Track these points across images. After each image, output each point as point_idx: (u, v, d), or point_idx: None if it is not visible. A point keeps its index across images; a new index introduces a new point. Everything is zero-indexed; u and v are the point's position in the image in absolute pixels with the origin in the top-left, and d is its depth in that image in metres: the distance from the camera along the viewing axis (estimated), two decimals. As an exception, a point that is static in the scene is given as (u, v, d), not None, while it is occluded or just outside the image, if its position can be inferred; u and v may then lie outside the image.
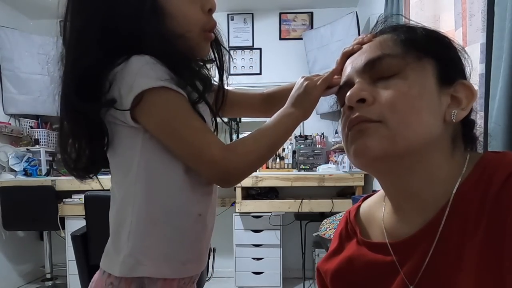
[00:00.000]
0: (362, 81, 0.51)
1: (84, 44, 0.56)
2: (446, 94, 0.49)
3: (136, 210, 0.58)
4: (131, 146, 0.58)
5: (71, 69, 0.57)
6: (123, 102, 0.54)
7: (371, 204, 0.62)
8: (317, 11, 3.19)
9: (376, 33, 0.55)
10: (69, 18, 0.59)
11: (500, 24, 0.89)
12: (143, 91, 0.53)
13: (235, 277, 2.72)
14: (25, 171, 2.86)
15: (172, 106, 0.55)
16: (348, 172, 2.56)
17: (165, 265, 0.59)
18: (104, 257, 0.62)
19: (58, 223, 2.60)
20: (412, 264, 0.48)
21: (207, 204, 0.64)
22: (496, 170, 0.44)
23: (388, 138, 0.46)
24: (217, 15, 0.64)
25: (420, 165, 0.48)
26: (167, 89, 0.54)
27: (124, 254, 0.57)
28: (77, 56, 0.56)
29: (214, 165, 0.55)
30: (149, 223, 0.58)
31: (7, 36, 2.92)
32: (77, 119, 0.59)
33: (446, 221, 0.46)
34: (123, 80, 0.54)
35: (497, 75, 0.88)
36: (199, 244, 0.63)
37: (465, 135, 0.51)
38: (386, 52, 0.50)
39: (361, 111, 0.49)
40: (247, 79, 3.23)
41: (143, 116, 0.55)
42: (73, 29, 0.58)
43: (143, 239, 0.58)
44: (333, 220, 2.21)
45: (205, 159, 0.55)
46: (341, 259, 0.58)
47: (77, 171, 0.63)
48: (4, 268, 2.85)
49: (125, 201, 0.59)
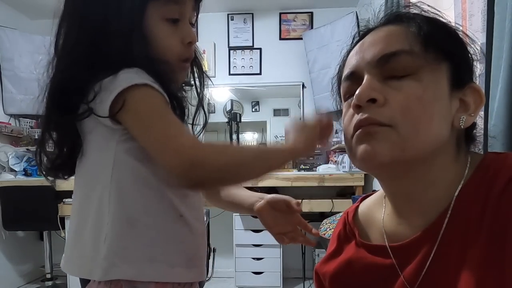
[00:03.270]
0: (373, 77, 0.47)
1: (72, 59, 0.58)
2: (456, 98, 0.47)
3: (112, 212, 0.57)
4: (105, 147, 0.58)
5: (56, 79, 0.59)
6: (102, 107, 0.55)
7: (370, 205, 0.61)
8: (317, 11, 3.19)
9: (384, 21, 0.51)
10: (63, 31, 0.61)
11: (500, 24, 0.88)
12: (124, 89, 0.54)
13: (235, 277, 2.72)
14: (25, 171, 2.86)
15: (151, 99, 0.56)
16: (348, 172, 2.55)
17: (149, 267, 0.57)
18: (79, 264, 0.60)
19: (58, 223, 2.59)
20: (413, 267, 0.47)
21: (188, 206, 0.62)
22: (498, 173, 0.43)
23: (398, 145, 0.44)
24: (217, 15, 0.64)
25: (425, 170, 0.47)
26: (149, 86, 0.55)
27: (101, 257, 0.56)
28: (64, 68, 0.59)
29: (179, 154, 0.51)
30: (126, 224, 0.57)
31: (7, 36, 2.92)
32: (56, 126, 0.62)
33: (447, 224, 0.45)
34: (107, 89, 0.55)
35: (497, 75, 0.88)
36: (186, 247, 0.62)
37: (466, 136, 0.50)
38: (405, 47, 0.45)
39: (370, 112, 0.46)
40: (247, 79, 3.23)
41: (123, 112, 0.55)
42: (65, 42, 0.60)
43: (119, 241, 0.57)
44: (333, 220, 2.20)
45: (171, 146, 0.52)
46: (339, 262, 0.58)
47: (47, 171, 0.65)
48: (4, 268, 2.84)
49: (102, 203, 0.58)
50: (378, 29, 0.51)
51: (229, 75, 3.24)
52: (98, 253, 0.56)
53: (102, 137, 0.59)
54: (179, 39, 0.63)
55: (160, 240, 0.59)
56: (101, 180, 0.58)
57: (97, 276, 0.56)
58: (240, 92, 3.35)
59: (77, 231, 0.61)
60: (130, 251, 0.57)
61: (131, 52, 0.57)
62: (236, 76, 3.24)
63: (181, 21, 0.63)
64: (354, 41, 0.55)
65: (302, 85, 3.17)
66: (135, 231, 0.57)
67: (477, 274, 0.41)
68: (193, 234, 0.63)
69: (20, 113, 3.04)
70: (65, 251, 0.64)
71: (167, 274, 0.59)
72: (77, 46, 0.59)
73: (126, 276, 0.56)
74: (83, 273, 0.59)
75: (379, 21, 0.52)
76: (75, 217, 0.62)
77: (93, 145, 0.61)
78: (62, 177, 0.67)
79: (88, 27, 0.58)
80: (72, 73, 0.58)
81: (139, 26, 0.59)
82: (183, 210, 0.61)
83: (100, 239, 0.57)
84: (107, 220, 0.57)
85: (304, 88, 3.16)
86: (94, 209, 0.58)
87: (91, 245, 0.58)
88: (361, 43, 0.51)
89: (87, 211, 0.59)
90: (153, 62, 0.59)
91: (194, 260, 0.63)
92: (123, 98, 0.54)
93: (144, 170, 0.58)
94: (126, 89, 0.54)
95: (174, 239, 0.60)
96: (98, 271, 0.56)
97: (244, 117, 3.35)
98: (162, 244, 0.59)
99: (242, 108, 3.41)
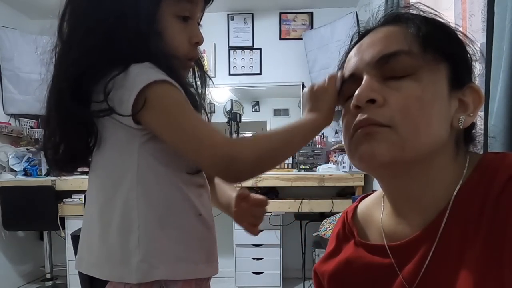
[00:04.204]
0: (372, 78, 0.47)
1: (86, 46, 0.57)
2: (455, 98, 0.47)
3: (143, 214, 0.57)
4: (127, 149, 0.58)
5: (68, 68, 0.58)
6: (124, 106, 0.54)
7: (369, 205, 0.61)
8: (317, 11, 3.19)
9: (382, 21, 0.51)
10: (74, 17, 0.60)
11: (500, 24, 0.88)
12: (144, 87, 0.53)
13: (235, 277, 2.72)
14: (25, 171, 2.86)
15: (174, 97, 0.56)
16: (348, 172, 2.55)
17: (179, 266, 0.59)
18: (109, 269, 0.58)
19: (58, 223, 2.59)
20: (411, 267, 0.47)
21: (203, 205, 0.64)
22: (496, 172, 0.43)
23: (397, 145, 0.44)
24: (217, 15, 0.65)
25: (424, 170, 0.47)
26: (169, 83, 0.55)
27: (137, 260, 0.56)
28: (77, 56, 0.57)
29: (216, 151, 0.52)
30: (157, 225, 0.58)
31: (7, 36, 2.92)
32: (66, 117, 0.59)
33: (446, 224, 0.45)
34: (124, 86, 0.54)
35: (497, 75, 0.88)
36: (206, 244, 0.64)
37: (465, 136, 0.50)
38: (404, 48, 0.45)
39: (370, 112, 0.46)
40: (247, 79, 3.23)
41: (146, 111, 0.54)
42: (77, 29, 0.59)
43: (154, 242, 0.57)
44: (333, 220, 2.20)
45: (207, 143, 0.53)
46: (338, 261, 0.58)
47: (57, 165, 0.64)
48: (4, 268, 2.84)
49: (128, 206, 0.57)
50: (376, 30, 0.51)
51: (229, 75, 3.25)
52: (132, 256, 0.56)
53: (122, 139, 0.58)
54: (187, 37, 0.63)
55: (185, 239, 0.60)
56: (125, 184, 0.58)
57: (134, 279, 0.56)
58: (240, 92, 3.35)
59: (101, 236, 0.59)
60: (164, 252, 0.58)
61: (147, 47, 0.57)
62: (236, 76, 3.24)
63: (191, 19, 0.64)
64: (353, 41, 0.55)
65: (302, 85, 3.17)
66: (165, 232, 0.58)
67: (476, 274, 0.41)
68: (210, 231, 0.65)
69: (20, 113, 3.05)
70: (86, 255, 0.63)
71: (193, 271, 0.61)
72: (91, 34, 0.57)
73: (163, 276, 0.57)
74: (115, 277, 0.58)
75: (378, 21, 0.52)
76: (97, 222, 0.60)
77: (112, 147, 0.60)
78: (69, 171, 0.66)
79: (103, 18, 0.58)
80: (83, 60, 0.56)
81: (154, 20, 0.59)
82: (200, 209, 0.62)
83: (131, 242, 0.57)
84: (138, 223, 0.57)
85: (304, 88, 3.16)
86: (120, 213, 0.57)
87: (120, 250, 0.57)
88: (360, 44, 0.51)
89: (111, 215, 0.58)
90: (167, 57, 0.59)
91: (212, 255, 0.65)
92: (144, 96, 0.54)
93: (166, 171, 0.59)
94: (146, 87, 0.53)
95: (197, 237, 0.62)
96: (135, 274, 0.56)
97: (244, 117, 3.35)
98: (187, 242, 0.60)
99: (242, 108, 3.41)
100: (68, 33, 0.60)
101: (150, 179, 0.58)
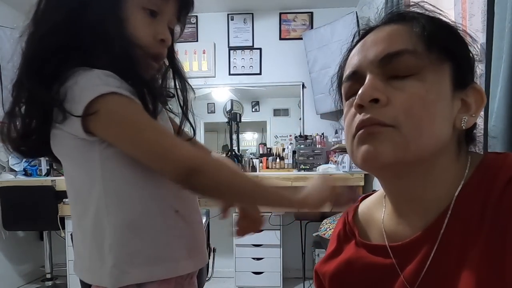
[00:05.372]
0: (375, 77, 0.46)
1: (52, 22, 0.58)
2: (458, 98, 0.46)
3: (112, 221, 0.57)
4: (88, 159, 0.58)
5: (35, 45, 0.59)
6: (73, 118, 0.54)
7: (370, 205, 0.61)
8: (317, 11, 3.18)
9: (386, 20, 0.50)
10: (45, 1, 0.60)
11: (500, 24, 0.88)
12: (92, 100, 0.52)
13: (235, 277, 2.72)
14: (25, 171, 2.86)
15: (127, 111, 0.55)
16: (348, 172, 2.55)
17: (157, 267, 0.59)
18: (90, 273, 0.61)
19: (58, 223, 2.59)
20: (413, 267, 0.47)
21: (182, 199, 0.63)
22: (498, 173, 0.43)
23: (401, 145, 0.44)
24: (217, 15, 0.64)
25: (426, 170, 0.47)
26: (118, 95, 0.54)
27: (109, 266, 0.57)
28: (44, 32, 0.58)
29: (179, 163, 0.53)
30: (127, 230, 0.58)
31: (7, 36, 2.92)
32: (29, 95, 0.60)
33: (447, 224, 0.45)
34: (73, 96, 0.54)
35: (497, 75, 0.88)
36: (186, 240, 0.63)
37: (466, 137, 0.50)
38: (408, 47, 0.45)
39: (373, 112, 0.45)
40: (247, 79, 3.23)
41: (99, 125, 0.54)
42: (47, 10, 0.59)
43: (124, 248, 0.58)
44: (333, 220, 2.21)
45: (171, 157, 0.54)
46: (339, 261, 0.58)
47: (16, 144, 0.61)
48: (4, 268, 2.84)
49: (99, 214, 0.58)
50: (380, 28, 0.50)
51: (229, 75, 3.24)
52: (105, 262, 0.57)
53: (81, 151, 0.58)
54: (152, 33, 0.62)
55: (161, 239, 0.60)
56: (94, 195, 0.58)
57: (109, 284, 0.57)
58: (240, 92, 3.35)
59: (83, 242, 0.62)
60: (137, 256, 0.58)
61: (106, 30, 0.57)
62: (236, 76, 3.24)
63: (159, 16, 0.63)
64: (355, 39, 0.54)
65: (302, 85, 3.17)
66: (137, 235, 0.58)
67: (477, 274, 0.41)
68: (190, 225, 0.64)
69: (20, 113, 3.04)
70: (77, 260, 0.65)
71: (174, 269, 0.61)
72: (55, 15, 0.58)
73: (137, 280, 0.58)
74: (96, 282, 0.60)
75: (381, 19, 0.51)
76: (77, 230, 0.63)
77: (74, 161, 0.60)
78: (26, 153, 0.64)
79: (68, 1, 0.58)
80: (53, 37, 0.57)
81: (119, 6, 0.59)
82: (177, 205, 0.62)
83: (104, 249, 0.58)
84: (108, 230, 0.57)
85: (304, 88, 3.16)
86: (92, 222, 0.59)
87: (96, 256, 0.59)
88: (363, 42, 0.50)
89: (87, 222, 0.60)
90: (126, 43, 0.58)
91: (195, 249, 0.65)
92: (95, 109, 0.52)
93: (133, 173, 0.58)
94: (95, 100, 0.52)
95: (174, 235, 0.62)
96: (109, 280, 0.57)
97: (244, 117, 3.35)
98: (164, 242, 0.60)
99: (242, 108, 3.41)
100: (40, 14, 0.60)
101: (117, 186, 0.58)
